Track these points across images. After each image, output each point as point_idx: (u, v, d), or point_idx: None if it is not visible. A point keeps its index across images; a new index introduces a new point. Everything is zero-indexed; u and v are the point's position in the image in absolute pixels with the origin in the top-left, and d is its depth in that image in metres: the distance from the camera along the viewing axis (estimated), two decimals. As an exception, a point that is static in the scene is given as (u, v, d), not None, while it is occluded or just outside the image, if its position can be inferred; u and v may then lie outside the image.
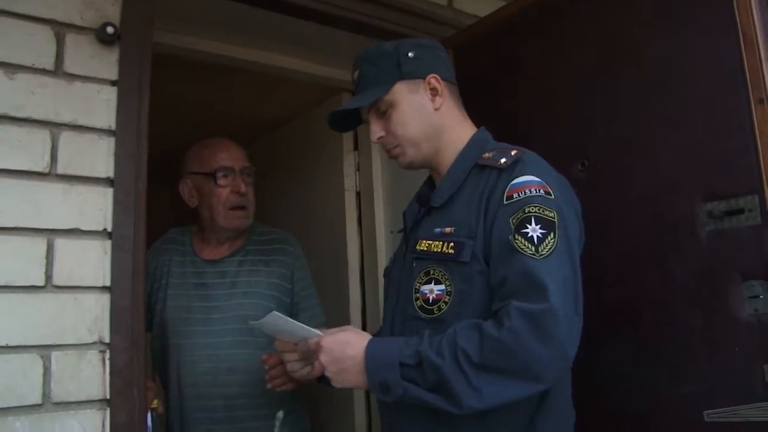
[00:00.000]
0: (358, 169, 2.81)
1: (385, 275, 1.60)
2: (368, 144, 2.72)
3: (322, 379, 1.58)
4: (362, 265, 2.75)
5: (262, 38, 2.41)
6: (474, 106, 1.55)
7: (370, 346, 1.27)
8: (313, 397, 2.23)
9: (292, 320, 1.41)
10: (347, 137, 2.83)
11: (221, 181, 2.00)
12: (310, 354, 1.37)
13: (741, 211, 1.38)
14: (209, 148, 2.06)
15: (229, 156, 2.04)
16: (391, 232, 2.50)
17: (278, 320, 1.41)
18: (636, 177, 1.58)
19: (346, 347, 1.29)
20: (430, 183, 1.55)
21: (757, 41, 1.35)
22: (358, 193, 2.80)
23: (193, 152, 2.09)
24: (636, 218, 1.57)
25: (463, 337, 1.19)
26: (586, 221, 1.42)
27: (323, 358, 1.30)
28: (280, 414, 1.90)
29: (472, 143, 1.46)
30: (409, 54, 1.46)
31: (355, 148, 2.83)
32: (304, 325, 1.40)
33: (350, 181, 2.80)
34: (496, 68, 1.96)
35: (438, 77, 1.45)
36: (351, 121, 1.57)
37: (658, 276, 1.51)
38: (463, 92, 1.54)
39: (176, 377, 1.94)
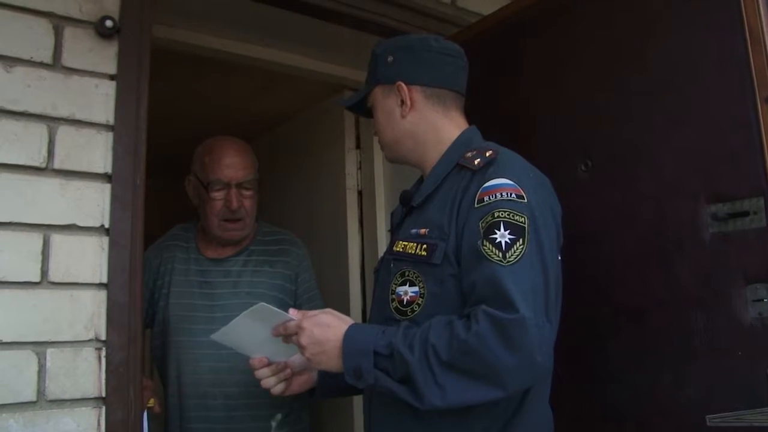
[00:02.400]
0: (360, 168, 2.80)
1: (374, 273, 1.60)
2: (370, 143, 2.71)
3: (313, 393, 1.60)
4: (363, 264, 2.73)
5: (263, 34, 2.40)
6: (476, 105, 1.53)
7: (348, 332, 1.28)
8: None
9: (275, 309, 1.40)
10: (349, 136, 2.82)
11: (214, 194, 1.97)
12: (288, 339, 1.38)
13: (746, 213, 1.36)
14: (212, 154, 2.00)
15: (228, 168, 1.98)
16: (388, 230, 2.50)
17: (262, 312, 1.40)
18: (639, 178, 1.56)
19: (326, 330, 1.30)
20: (420, 182, 1.55)
21: (764, 39, 1.33)
22: (359, 192, 2.79)
23: (199, 152, 2.06)
24: (639, 219, 1.55)
25: (435, 334, 1.19)
26: (589, 222, 1.41)
27: (303, 339, 1.31)
28: (279, 416, 1.89)
29: (456, 143, 1.44)
30: (388, 58, 1.47)
31: (358, 146, 2.82)
32: (282, 312, 1.39)
33: (352, 180, 2.79)
34: (498, 67, 1.95)
35: (403, 85, 1.44)
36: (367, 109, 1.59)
37: (661, 278, 1.50)
38: (466, 90, 1.52)
39: (176, 375, 1.94)
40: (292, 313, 1.38)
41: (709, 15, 1.45)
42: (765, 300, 1.31)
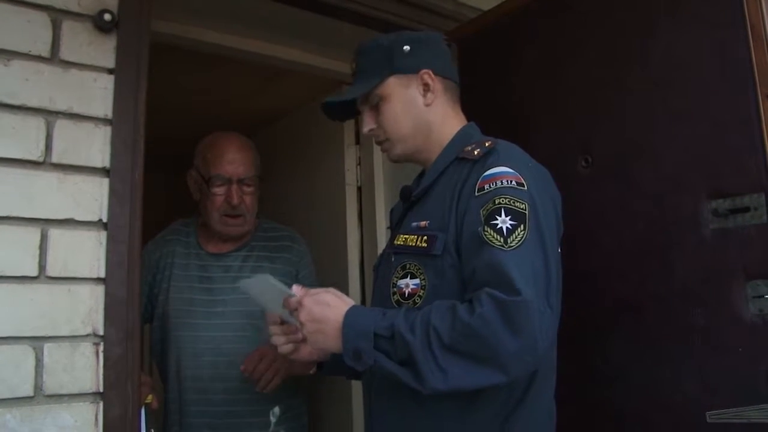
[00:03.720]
0: (359, 164, 2.79)
1: (373, 270, 1.59)
2: (370, 138, 2.69)
3: (323, 368, 1.58)
4: (362, 260, 2.73)
5: (262, 29, 2.39)
6: (476, 101, 1.53)
7: (349, 313, 1.26)
8: (311, 390, 2.22)
9: (278, 283, 1.39)
10: (349, 131, 2.81)
11: (215, 189, 1.98)
12: (293, 322, 1.37)
13: (746, 209, 1.36)
14: (214, 150, 2.01)
15: (229, 164, 1.98)
16: (388, 227, 2.49)
17: (265, 284, 1.40)
18: (640, 173, 1.56)
19: (326, 309, 1.29)
20: (420, 178, 1.55)
21: (766, 35, 1.33)
22: (359, 188, 2.78)
23: (201, 147, 2.06)
24: (639, 215, 1.55)
25: (438, 317, 1.18)
26: (589, 217, 1.40)
27: (302, 316, 1.30)
28: (276, 410, 1.89)
29: (457, 138, 1.44)
30: (405, 48, 1.45)
31: (357, 142, 2.81)
32: (284, 287, 1.38)
33: (351, 176, 2.79)
34: (499, 62, 1.94)
35: (431, 73, 1.44)
36: (348, 111, 1.57)
37: (660, 274, 1.49)
38: (465, 86, 1.52)
39: (176, 369, 1.94)
40: (295, 289, 1.37)
41: (710, 10, 1.45)
42: (765, 296, 1.31)
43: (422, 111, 1.45)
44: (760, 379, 1.29)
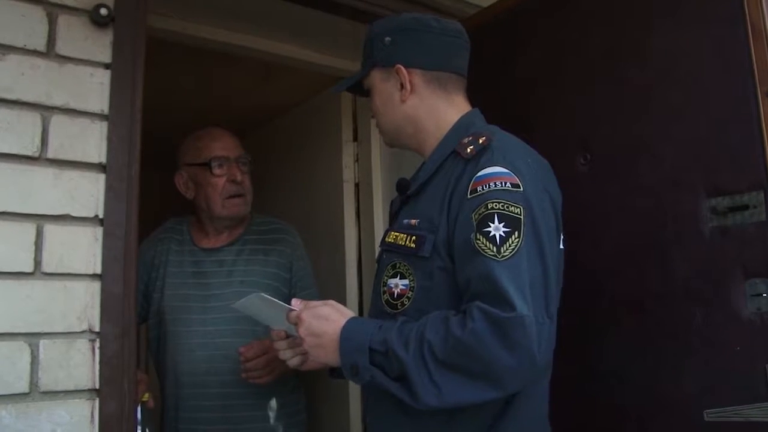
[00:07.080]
0: (357, 161, 2.78)
1: (376, 262, 1.57)
2: (368, 135, 2.70)
3: (334, 373, 1.53)
4: (360, 257, 2.72)
5: (260, 25, 2.38)
6: (477, 97, 1.52)
7: (346, 326, 1.24)
8: (308, 386, 2.22)
9: (273, 299, 1.39)
10: (346, 128, 2.81)
11: (217, 171, 2.01)
12: (299, 343, 1.35)
13: (745, 207, 1.35)
14: (203, 138, 2.06)
15: (223, 145, 2.04)
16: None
17: (259, 302, 1.40)
18: (639, 171, 1.55)
19: (324, 323, 1.26)
20: (419, 171, 1.52)
21: (766, 32, 1.33)
22: (356, 185, 2.77)
23: (187, 143, 2.10)
24: (638, 213, 1.55)
25: (432, 330, 1.15)
26: (588, 215, 1.40)
27: (302, 330, 1.28)
28: (273, 403, 1.90)
29: (455, 128, 1.39)
30: (386, 39, 1.41)
31: (355, 139, 2.80)
32: (281, 303, 1.38)
33: (349, 173, 2.78)
34: (498, 60, 1.93)
35: (403, 68, 1.39)
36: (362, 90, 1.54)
37: (659, 272, 1.49)
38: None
39: (173, 365, 1.95)
40: (294, 302, 1.36)
41: (710, 7, 1.44)
42: (764, 295, 1.31)
43: (398, 107, 1.41)
44: (758, 377, 1.28)
